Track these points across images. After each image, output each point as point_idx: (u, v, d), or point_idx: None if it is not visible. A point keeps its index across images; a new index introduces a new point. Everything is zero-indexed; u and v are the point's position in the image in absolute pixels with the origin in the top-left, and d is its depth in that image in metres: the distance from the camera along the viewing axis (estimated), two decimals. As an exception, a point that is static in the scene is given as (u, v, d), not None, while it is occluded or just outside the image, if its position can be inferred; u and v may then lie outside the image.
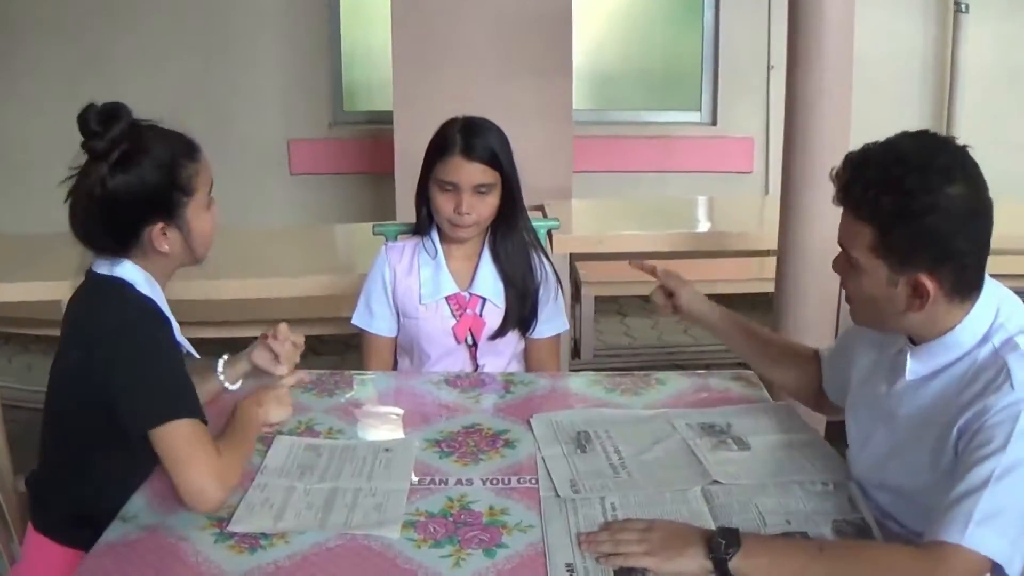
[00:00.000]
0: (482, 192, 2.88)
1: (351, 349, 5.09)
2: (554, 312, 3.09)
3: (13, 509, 2.57)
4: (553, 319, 3.09)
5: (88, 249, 2.26)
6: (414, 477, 2.22)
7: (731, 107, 7.03)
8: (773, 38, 6.61)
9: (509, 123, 2.98)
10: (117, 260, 2.24)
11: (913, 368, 2.00)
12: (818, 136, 3.41)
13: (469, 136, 2.87)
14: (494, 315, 3.00)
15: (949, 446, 1.87)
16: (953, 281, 1.89)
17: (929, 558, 1.75)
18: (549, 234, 3.46)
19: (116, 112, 2.17)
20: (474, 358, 3.02)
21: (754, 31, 6.77)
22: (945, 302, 1.91)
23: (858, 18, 3.51)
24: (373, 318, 3.05)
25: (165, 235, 2.23)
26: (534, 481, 2.20)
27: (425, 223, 3.02)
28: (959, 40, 6.85)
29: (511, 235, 3.00)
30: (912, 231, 1.85)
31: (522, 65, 5.42)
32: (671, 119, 7.13)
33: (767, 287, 4.06)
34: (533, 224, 3.12)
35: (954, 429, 1.86)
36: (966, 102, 6.87)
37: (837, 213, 2.00)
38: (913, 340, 2.01)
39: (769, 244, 4.07)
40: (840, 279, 2.06)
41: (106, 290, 2.23)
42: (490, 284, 3.00)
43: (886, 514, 2.03)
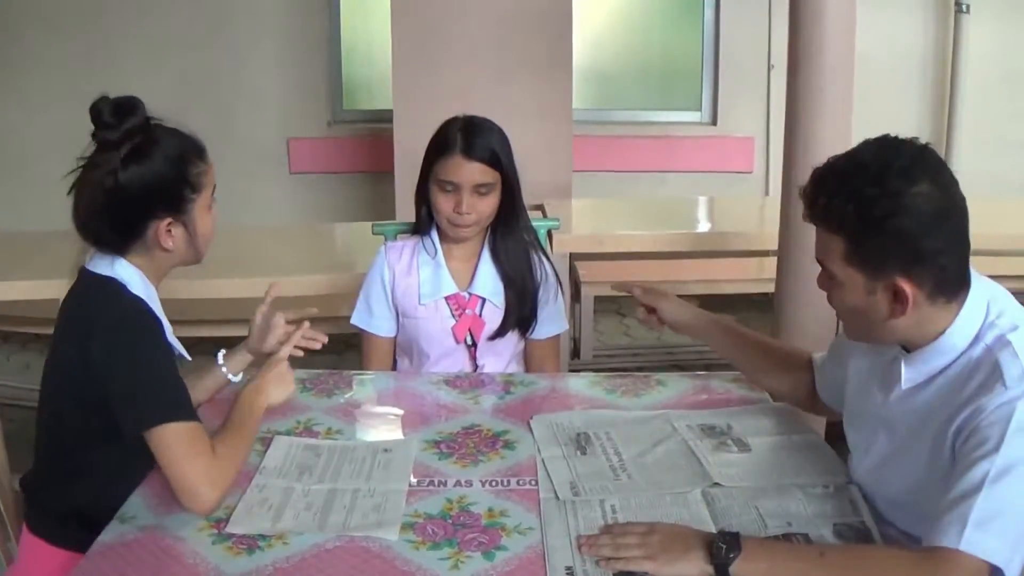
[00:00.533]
0: (482, 192, 2.87)
1: (350, 348, 5.07)
2: (554, 313, 3.08)
3: (10, 508, 2.56)
4: (553, 320, 3.08)
5: (88, 243, 2.26)
6: (413, 478, 2.21)
7: (731, 107, 7.02)
8: (773, 37, 6.61)
9: (509, 122, 2.97)
10: (114, 258, 2.23)
11: (908, 376, 1.99)
12: (819, 136, 3.40)
13: (469, 135, 2.86)
14: (494, 315, 2.99)
15: (946, 449, 1.86)
16: (933, 282, 1.87)
17: (929, 563, 1.74)
18: (549, 234, 3.44)
19: (132, 105, 2.18)
20: (473, 358, 3.01)
21: (754, 30, 6.76)
22: (929, 305, 1.89)
23: (858, 18, 3.51)
24: (372, 318, 3.04)
25: (170, 232, 2.24)
26: (534, 483, 2.19)
27: (425, 223, 3.01)
28: (960, 40, 6.85)
29: (511, 235, 2.99)
30: (879, 236, 1.84)
31: (522, 64, 5.41)
32: (671, 119, 7.13)
33: (767, 287, 4.06)
34: (533, 224, 3.11)
35: (950, 431, 1.85)
36: (967, 102, 6.86)
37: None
38: (907, 348, 1.99)
39: (769, 244, 4.06)
40: (827, 295, 2.05)
41: (99, 289, 2.23)
42: (490, 284, 2.99)
43: (887, 520, 2.02)
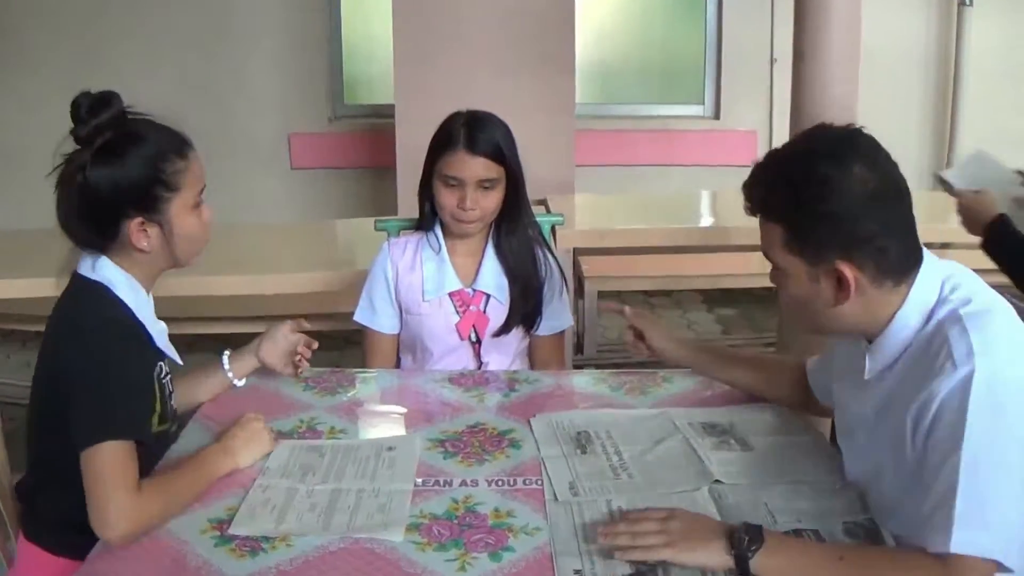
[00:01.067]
0: (486, 187, 2.85)
1: (351, 345, 5.06)
2: (559, 309, 3.06)
3: (10, 507, 2.54)
4: (558, 316, 3.06)
5: (70, 240, 2.22)
6: (418, 478, 2.19)
7: (734, 100, 7.01)
8: (776, 31, 6.60)
9: (511, 116, 2.95)
10: (98, 257, 2.20)
11: (870, 366, 1.98)
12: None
13: (473, 130, 2.84)
14: (498, 312, 2.97)
15: (907, 441, 1.84)
16: (875, 266, 1.86)
17: (949, 569, 1.71)
18: (553, 229, 3.43)
19: (107, 100, 2.14)
20: (477, 355, 2.99)
21: (757, 24, 6.75)
22: (875, 289, 1.88)
23: (862, 12, 3.49)
24: (375, 315, 3.02)
25: (145, 231, 2.18)
26: (539, 482, 2.17)
27: (428, 218, 2.99)
28: (963, 34, 6.86)
29: (515, 231, 2.96)
30: (812, 220, 1.85)
31: (524, 58, 5.40)
32: (674, 112, 7.12)
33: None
34: (537, 219, 3.09)
35: (908, 420, 1.83)
36: (969, 96, 6.86)
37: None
38: (869, 340, 1.98)
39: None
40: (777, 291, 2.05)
41: (84, 294, 2.20)
42: (494, 280, 2.97)
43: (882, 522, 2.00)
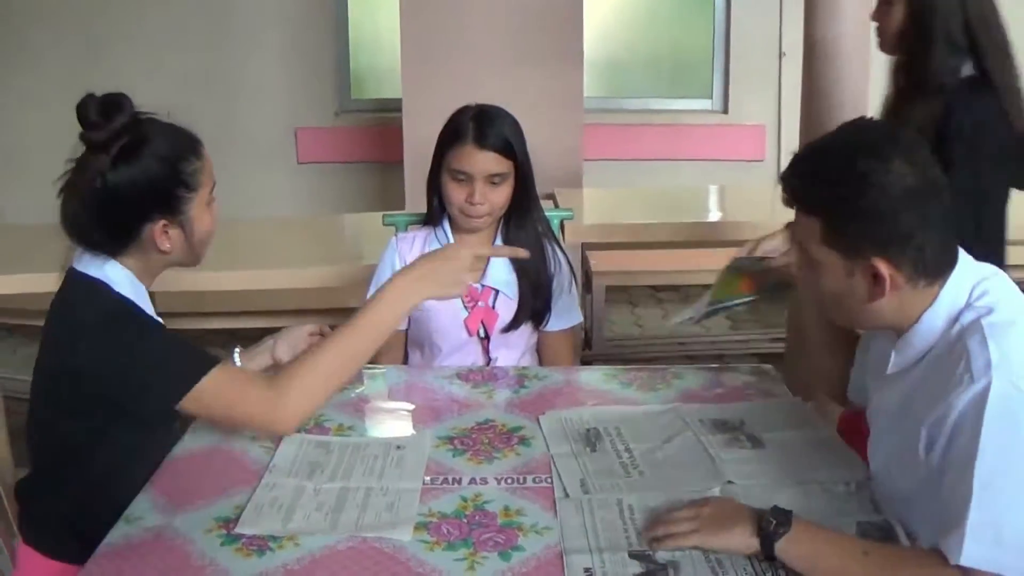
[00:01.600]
0: (495, 182, 2.83)
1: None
2: (568, 304, 3.05)
3: (13, 504, 2.53)
4: (567, 312, 3.04)
5: (80, 246, 2.20)
6: (426, 476, 2.17)
7: (742, 95, 7.00)
8: (785, 25, 6.58)
9: (519, 110, 2.93)
10: (105, 259, 2.18)
11: (895, 361, 1.96)
12: (834, 125, 3.35)
13: (482, 124, 2.82)
14: (507, 307, 2.95)
15: (920, 451, 1.83)
16: (912, 264, 1.83)
17: None
18: (561, 224, 3.41)
19: (118, 103, 2.11)
20: (486, 351, 2.97)
21: (765, 18, 6.73)
22: (910, 287, 1.85)
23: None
24: (383, 310, 2.99)
25: (167, 233, 2.18)
26: (549, 480, 2.15)
27: (436, 213, 2.97)
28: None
29: (524, 225, 2.95)
30: (851, 215, 1.83)
31: (532, 52, 5.38)
32: (682, 107, 7.11)
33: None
34: (546, 214, 3.07)
35: (921, 433, 1.82)
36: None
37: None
38: (899, 335, 1.96)
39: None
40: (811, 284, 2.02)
41: (83, 292, 2.18)
42: (503, 276, 2.95)
43: (898, 518, 1.98)
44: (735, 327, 6.10)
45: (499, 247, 2.85)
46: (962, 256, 1.90)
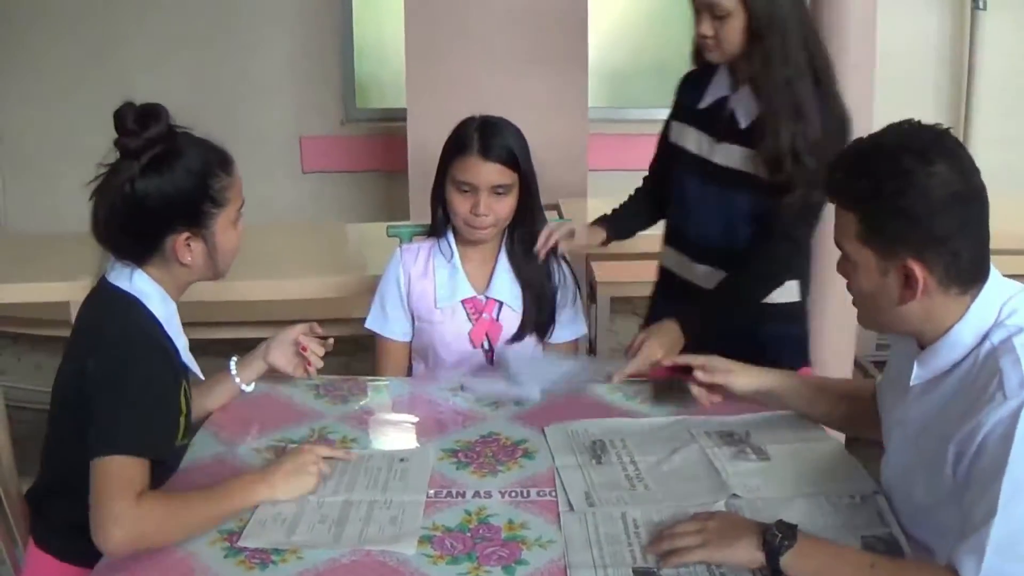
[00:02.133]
0: (500, 193, 2.82)
1: (361, 350, 5.03)
2: (572, 317, 3.04)
3: (17, 513, 2.52)
4: (572, 323, 3.03)
5: (107, 251, 2.22)
6: (430, 489, 2.16)
7: (747, 105, 6.97)
8: (790, 35, 6.56)
9: (524, 120, 2.93)
10: (133, 268, 2.20)
11: (918, 373, 1.95)
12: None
13: (486, 135, 2.81)
14: (511, 319, 2.94)
15: (947, 467, 1.81)
16: (945, 268, 1.83)
17: None
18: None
19: (156, 113, 2.14)
20: (491, 362, 2.96)
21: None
22: (941, 293, 1.85)
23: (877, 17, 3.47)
24: (387, 322, 3.00)
25: (189, 246, 2.20)
26: (553, 494, 2.15)
27: (441, 224, 2.96)
28: (976, 36, 6.82)
29: (529, 237, 2.94)
30: (890, 213, 1.82)
31: (537, 61, 5.37)
32: (687, 117, 7.07)
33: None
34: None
35: (950, 447, 1.80)
36: (983, 98, 6.83)
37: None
38: (922, 345, 1.95)
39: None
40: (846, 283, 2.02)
41: (115, 305, 2.19)
42: (507, 287, 2.94)
43: (907, 529, 1.97)
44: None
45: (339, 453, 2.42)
46: (993, 271, 1.89)
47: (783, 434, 2.41)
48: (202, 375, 2.41)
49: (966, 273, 1.85)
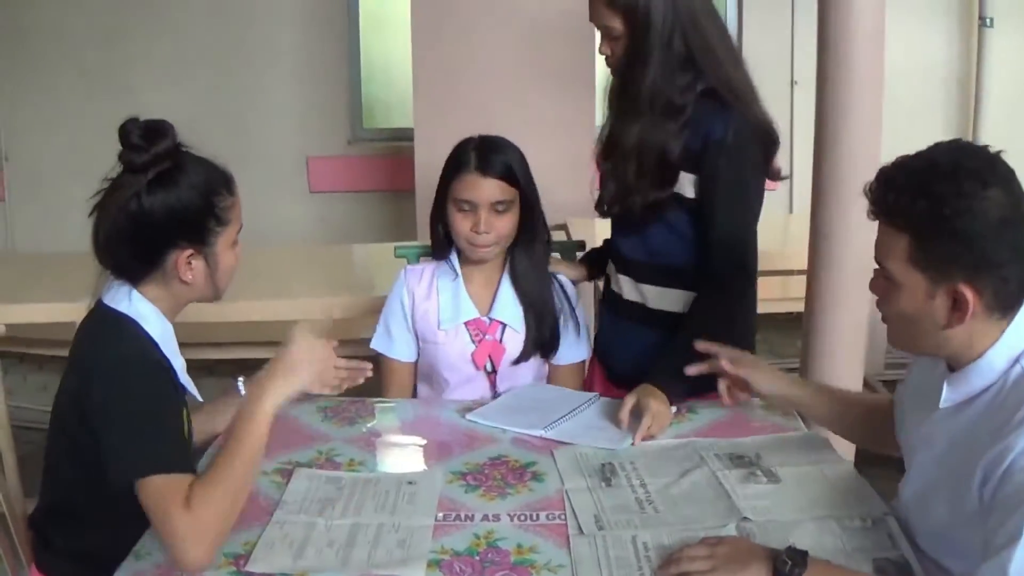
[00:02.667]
0: (500, 209, 2.81)
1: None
2: (576, 339, 3.02)
3: (22, 534, 2.52)
4: (577, 345, 3.02)
5: (105, 268, 2.20)
6: (439, 512, 2.15)
7: (754, 123, 6.96)
8: (796, 54, 6.56)
9: (531, 139, 2.93)
10: (130, 289, 2.18)
11: (947, 396, 1.93)
12: (849, 153, 3.34)
13: (485, 152, 2.82)
14: (514, 341, 2.93)
15: (973, 488, 1.79)
16: (993, 293, 1.81)
17: None
18: (574, 255, 3.38)
19: (162, 129, 2.14)
20: (493, 385, 2.95)
21: (778, 47, 6.70)
22: (984, 317, 1.83)
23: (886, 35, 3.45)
24: (393, 343, 2.99)
25: (190, 264, 2.18)
26: (563, 517, 2.13)
27: (443, 246, 2.96)
28: (984, 54, 6.82)
29: (530, 256, 2.94)
30: (947, 236, 1.79)
31: (544, 80, 5.37)
32: (695, 135, 7.06)
33: (791, 307, 4.00)
34: (558, 244, 3.06)
35: (977, 469, 1.78)
36: (991, 116, 6.82)
37: (868, 232, 1.95)
38: (951, 367, 1.93)
39: (794, 263, 4.00)
40: (877, 300, 1.99)
41: (111, 327, 2.18)
42: (510, 309, 2.93)
43: (923, 550, 1.95)
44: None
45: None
46: None
47: (793, 456, 2.39)
48: (199, 396, 2.39)
49: (1011, 298, 1.84)
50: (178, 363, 2.26)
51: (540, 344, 2.95)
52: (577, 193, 5.37)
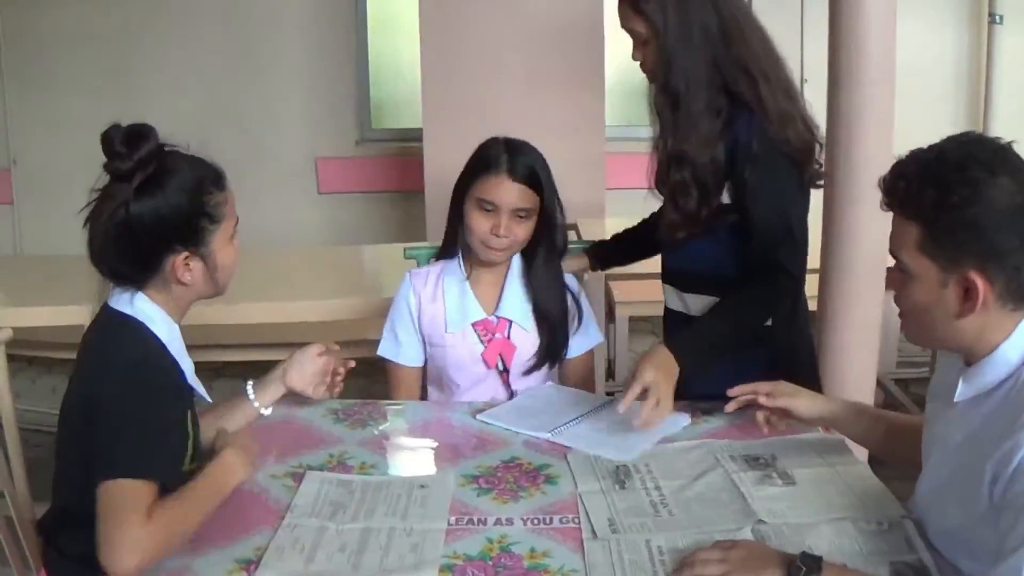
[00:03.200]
0: (520, 216, 2.79)
1: (379, 371, 5.01)
2: (586, 328, 3.01)
3: (31, 538, 2.50)
4: (583, 336, 3.01)
5: (105, 278, 2.19)
6: (451, 516, 2.12)
7: (764, 121, 6.95)
8: (806, 52, 6.53)
9: (541, 139, 2.90)
10: (134, 292, 2.17)
11: (962, 390, 1.91)
12: (862, 151, 3.32)
13: (514, 155, 2.79)
14: (522, 338, 2.91)
15: (984, 487, 1.77)
16: (1005, 283, 1.79)
17: None
18: (586, 255, 3.37)
19: (144, 133, 2.11)
20: (507, 384, 2.93)
21: (787, 45, 6.58)
22: (997, 308, 1.81)
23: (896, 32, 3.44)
24: (400, 348, 2.97)
25: (188, 265, 2.17)
26: (576, 520, 2.10)
27: (451, 246, 2.94)
28: (993, 51, 6.82)
29: (547, 264, 2.93)
30: (956, 224, 1.78)
31: (554, 80, 5.35)
32: (704, 134, 7.05)
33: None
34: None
35: (987, 467, 1.77)
36: (1001, 112, 6.83)
37: (882, 228, 1.94)
38: (967, 362, 1.92)
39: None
40: (893, 295, 1.97)
41: (119, 330, 2.17)
42: (517, 307, 2.91)
43: (937, 550, 1.93)
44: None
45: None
46: None
47: (809, 458, 2.37)
48: (208, 397, 2.38)
49: (1022, 290, 1.82)
50: (186, 365, 2.25)
51: (554, 354, 2.94)
52: (587, 194, 5.39)
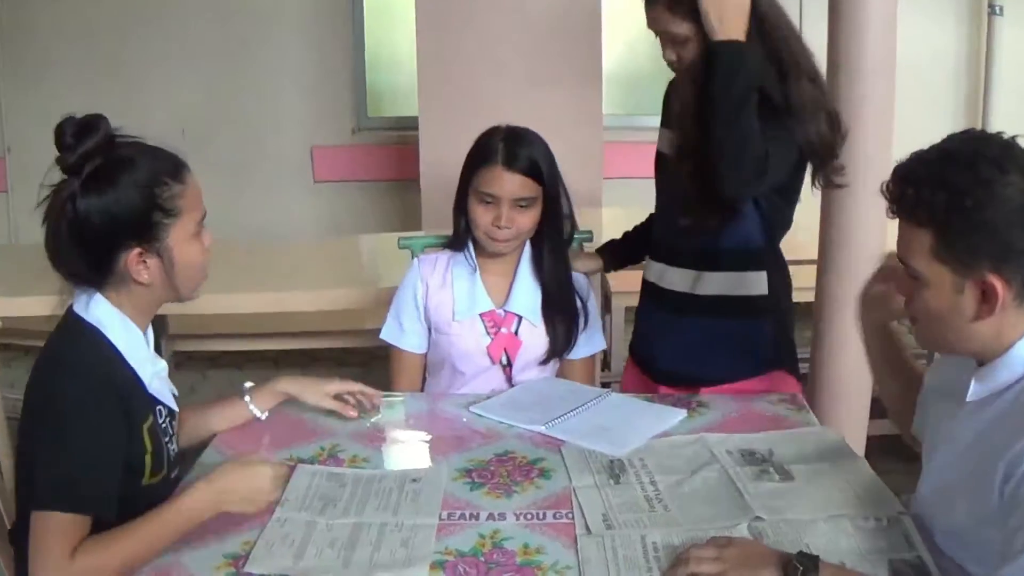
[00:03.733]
0: (522, 206, 2.77)
1: (376, 360, 5.00)
2: (592, 331, 2.99)
3: (7, 548, 2.47)
4: (591, 339, 2.99)
5: (63, 278, 2.11)
6: (443, 511, 2.10)
7: (763, 112, 6.94)
8: (806, 43, 6.51)
9: (538, 129, 2.88)
10: (91, 295, 2.09)
11: (975, 390, 1.88)
12: (861, 144, 3.28)
13: (512, 146, 2.77)
14: (530, 334, 2.89)
15: (995, 485, 1.75)
16: (1022, 281, 1.77)
17: None
18: (580, 247, 3.34)
19: (93, 124, 2.02)
20: (509, 379, 2.91)
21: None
22: (1014, 308, 1.79)
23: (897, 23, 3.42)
24: (403, 333, 2.94)
25: (145, 263, 2.07)
26: (570, 516, 2.08)
27: (463, 237, 2.91)
28: (993, 43, 6.81)
29: (556, 254, 2.91)
30: (970, 227, 1.75)
31: (551, 69, 5.34)
32: (703, 124, 7.03)
33: (800, 296, 3.94)
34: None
35: (999, 467, 1.74)
36: (1000, 104, 6.83)
37: (879, 223, 1.91)
38: (980, 362, 1.89)
39: (803, 253, 3.95)
40: (904, 301, 1.95)
41: (72, 340, 2.08)
42: (527, 302, 2.89)
43: (941, 550, 1.91)
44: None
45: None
46: None
47: (806, 452, 2.35)
48: (175, 406, 2.28)
49: None
50: (147, 372, 2.15)
51: (558, 339, 2.92)
52: (584, 183, 5.36)
